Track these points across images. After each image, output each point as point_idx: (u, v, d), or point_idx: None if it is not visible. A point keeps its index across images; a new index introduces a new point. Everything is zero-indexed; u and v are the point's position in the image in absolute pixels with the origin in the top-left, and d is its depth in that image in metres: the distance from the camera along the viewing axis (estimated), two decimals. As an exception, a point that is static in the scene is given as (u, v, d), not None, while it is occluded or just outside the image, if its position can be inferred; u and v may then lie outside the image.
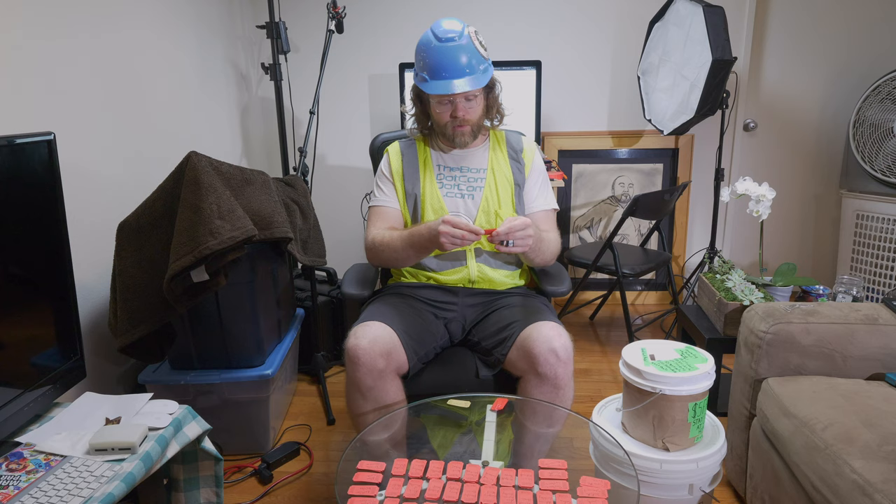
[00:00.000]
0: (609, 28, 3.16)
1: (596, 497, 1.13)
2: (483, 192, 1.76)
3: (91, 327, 1.89)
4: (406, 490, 1.17)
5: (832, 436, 1.32)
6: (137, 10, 2.17)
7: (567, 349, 1.50)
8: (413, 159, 1.81)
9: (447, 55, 1.61)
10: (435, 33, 1.63)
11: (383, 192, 1.81)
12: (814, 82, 3.18)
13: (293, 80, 3.10)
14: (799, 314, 1.64)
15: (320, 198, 3.27)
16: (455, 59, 1.61)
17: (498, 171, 1.79)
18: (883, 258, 2.84)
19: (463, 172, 1.79)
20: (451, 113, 1.69)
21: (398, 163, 1.82)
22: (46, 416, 1.37)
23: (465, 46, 1.62)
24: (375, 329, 1.53)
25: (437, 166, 1.81)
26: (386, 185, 1.81)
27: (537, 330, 1.52)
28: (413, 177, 1.79)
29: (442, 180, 1.79)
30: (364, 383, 1.50)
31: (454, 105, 1.67)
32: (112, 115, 2.02)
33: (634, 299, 3.49)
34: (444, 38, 1.61)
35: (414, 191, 1.77)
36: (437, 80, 1.63)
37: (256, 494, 1.88)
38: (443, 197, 1.76)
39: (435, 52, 1.62)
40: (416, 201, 1.77)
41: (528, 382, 1.53)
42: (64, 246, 1.41)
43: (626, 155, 3.32)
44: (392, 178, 1.81)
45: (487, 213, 1.75)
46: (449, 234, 1.50)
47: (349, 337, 1.53)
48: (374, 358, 1.48)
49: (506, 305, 1.71)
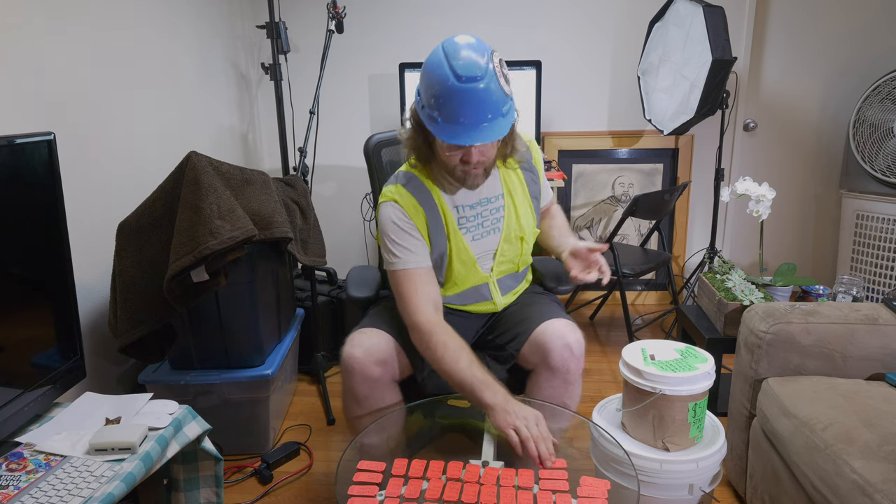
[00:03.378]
0: (609, 28, 3.16)
1: (596, 497, 1.13)
2: (504, 221, 1.62)
3: (91, 327, 1.89)
4: (406, 490, 1.17)
5: (832, 436, 1.32)
6: (137, 9, 2.17)
7: (580, 344, 1.51)
8: (432, 207, 1.54)
9: (467, 101, 1.32)
10: (454, 69, 1.32)
11: (410, 251, 1.51)
12: (814, 82, 3.18)
13: (293, 80, 3.10)
14: (799, 314, 1.64)
15: (320, 198, 3.28)
16: (476, 104, 1.33)
17: (515, 191, 1.63)
18: (883, 258, 2.84)
19: (483, 206, 1.59)
20: (461, 158, 1.44)
21: (418, 213, 1.53)
22: (46, 416, 1.37)
23: (488, 90, 1.33)
24: (372, 337, 1.52)
25: (455, 209, 1.56)
26: (411, 243, 1.52)
27: (552, 326, 1.52)
28: (438, 228, 1.54)
29: (464, 224, 1.57)
30: (359, 392, 1.50)
31: (467, 152, 1.43)
32: (112, 115, 2.02)
33: (634, 299, 3.49)
34: (464, 77, 1.31)
35: (441, 246, 1.55)
36: (453, 125, 1.36)
37: (256, 494, 1.88)
38: (469, 242, 1.57)
39: (452, 94, 1.32)
40: (442, 256, 1.57)
41: (540, 376, 1.52)
42: (64, 246, 1.41)
43: (626, 155, 3.32)
44: (418, 230, 1.53)
45: (510, 241, 1.63)
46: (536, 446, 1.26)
47: (345, 345, 1.51)
48: (369, 367, 1.48)
49: (517, 304, 1.71)
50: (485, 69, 1.33)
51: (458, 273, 1.59)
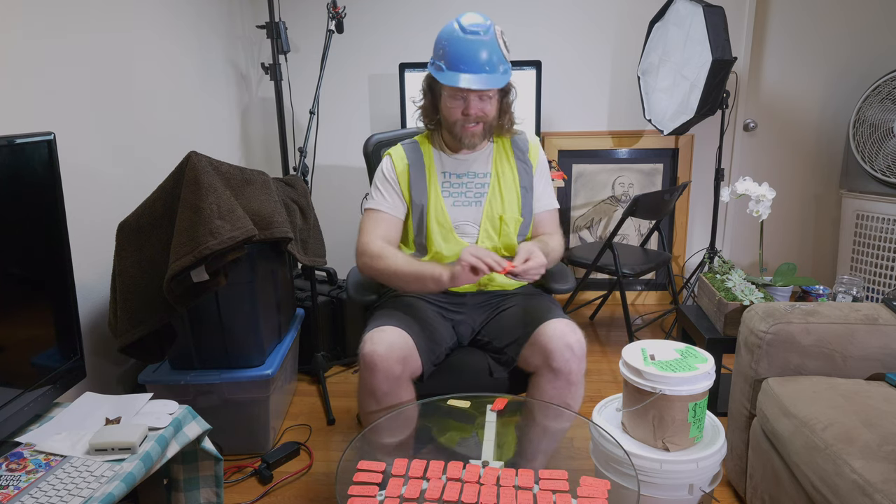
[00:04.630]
0: (609, 28, 3.16)
1: (596, 497, 1.13)
2: (487, 197, 1.72)
3: (91, 327, 1.89)
4: (406, 490, 1.17)
5: (832, 436, 1.32)
6: (138, 9, 2.17)
7: (581, 345, 1.51)
8: (419, 166, 1.73)
9: (469, 48, 1.56)
10: (460, 24, 1.58)
11: (384, 197, 1.73)
12: (814, 82, 3.18)
13: (293, 80, 3.10)
14: (799, 314, 1.64)
15: (320, 198, 3.27)
16: (476, 53, 1.56)
17: (503, 175, 1.73)
18: (883, 258, 2.84)
19: (469, 178, 1.74)
20: (462, 110, 1.62)
21: (404, 169, 1.73)
22: (46, 416, 1.37)
23: (488, 42, 1.57)
24: (392, 334, 1.51)
25: (442, 174, 1.74)
26: (388, 191, 1.73)
27: (552, 326, 1.52)
28: (420, 186, 1.71)
29: (447, 188, 1.73)
30: (380, 389, 1.48)
31: (467, 102, 1.61)
32: (112, 115, 2.02)
33: (634, 299, 3.49)
34: (468, 29, 1.57)
35: (421, 201, 1.70)
36: (454, 71, 1.57)
37: (256, 494, 1.88)
38: (448, 207, 1.71)
39: (457, 42, 1.57)
40: (422, 212, 1.71)
41: (542, 377, 1.52)
42: (64, 246, 1.41)
43: (626, 155, 3.32)
44: (399, 184, 1.72)
45: (492, 219, 1.71)
46: (478, 257, 1.43)
47: (364, 342, 1.50)
48: (392, 364, 1.46)
49: (515, 305, 1.71)
50: (487, 27, 1.59)
51: (436, 235, 1.69)
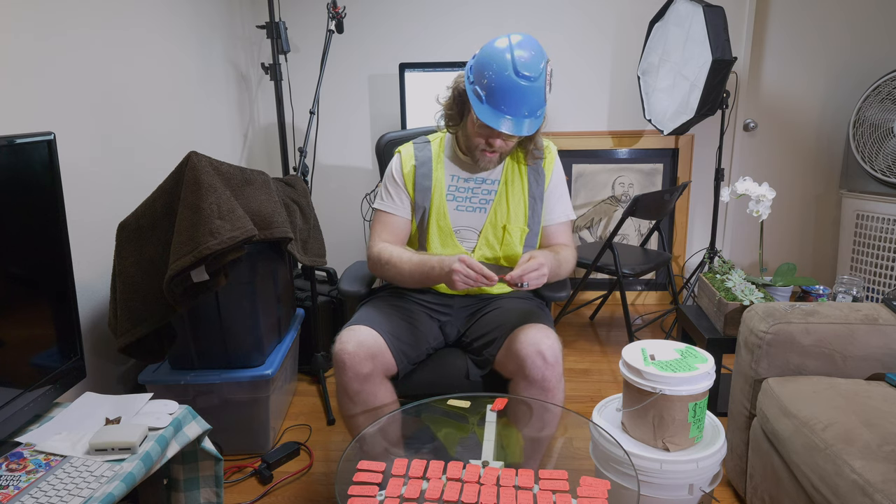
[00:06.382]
0: (609, 28, 3.16)
1: (596, 497, 1.13)
2: (492, 205, 1.70)
3: (91, 327, 1.89)
4: (406, 490, 1.17)
5: (832, 436, 1.32)
6: (137, 9, 2.17)
7: (554, 351, 1.49)
8: (427, 167, 1.71)
9: (515, 93, 1.48)
10: (514, 62, 1.46)
11: (392, 198, 1.72)
12: (814, 82, 3.18)
13: (293, 80, 3.10)
14: (799, 314, 1.64)
15: (320, 198, 3.27)
16: (521, 99, 1.49)
17: (512, 183, 1.70)
18: (883, 258, 2.84)
19: (477, 183, 1.72)
20: (486, 140, 1.58)
21: (411, 169, 1.71)
22: (46, 416, 1.37)
23: (536, 90, 1.49)
24: (361, 333, 1.53)
25: (450, 177, 1.72)
26: (396, 191, 1.72)
27: (525, 332, 1.52)
28: (424, 187, 1.70)
29: (454, 192, 1.71)
30: (351, 387, 1.51)
31: (494, 137, 1.57)
32: (112, 115, 2.02)
33: (634, 299, 3.49)
34: (521, 73, 1.46)
35: (424, 203, 1.70)
36: (495, 109, 1.50)
37: (256, 494, 1.88)
38: (451, 211, 1.70)
39: (505, 83, 1.47)
40: (424, 214, 1.71)
41: (518, 385, 1.53)
42: (64, 246, 1.41)
43: (626, 155, 3.32)
44: (404, 185, 1.72)
45: (495, 226, 1.69)
46: (462, 273, 1.44)
47: (336, 342, 1.53)
48: (360, 362, 1.49)
49: (500, 307, 1.71)
50: (540, 73, 1.49)
51: (434, 238, 1.69)
